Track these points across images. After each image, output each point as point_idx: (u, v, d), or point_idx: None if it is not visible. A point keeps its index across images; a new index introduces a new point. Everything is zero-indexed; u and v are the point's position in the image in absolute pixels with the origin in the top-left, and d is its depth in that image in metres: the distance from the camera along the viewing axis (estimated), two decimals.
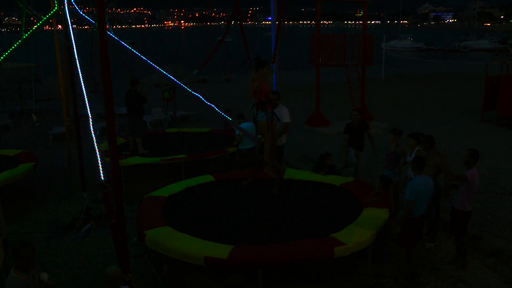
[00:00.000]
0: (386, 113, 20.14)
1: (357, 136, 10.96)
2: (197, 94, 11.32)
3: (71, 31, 9.45)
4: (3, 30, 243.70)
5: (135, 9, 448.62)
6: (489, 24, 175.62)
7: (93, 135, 7.72)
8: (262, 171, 9.61)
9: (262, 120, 8.82)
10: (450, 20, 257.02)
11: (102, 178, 7.19)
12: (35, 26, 9.91)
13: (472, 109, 20.93)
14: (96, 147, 7.62)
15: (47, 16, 9.94)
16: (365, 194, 8.85)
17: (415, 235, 7.33)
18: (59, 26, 13.17)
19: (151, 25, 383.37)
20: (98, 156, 7.37)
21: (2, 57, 9.37)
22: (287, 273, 7.68)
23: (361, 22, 19.98)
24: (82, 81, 8.56)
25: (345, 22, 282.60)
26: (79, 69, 8.71)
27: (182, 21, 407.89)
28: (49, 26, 12.60)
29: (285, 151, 10.00)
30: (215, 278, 7.54)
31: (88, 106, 8.14)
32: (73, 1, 10.10)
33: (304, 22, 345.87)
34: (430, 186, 7.29)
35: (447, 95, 25.61)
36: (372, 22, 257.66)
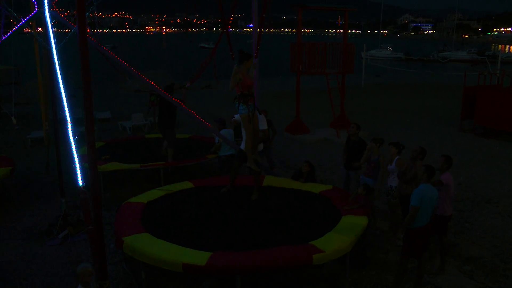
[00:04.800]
0: (366, 121, 20.28)
1: (350, 152, 10.23)
2: (177, 101, 11.35)
3: (51, 34, 9.34)
4: None
5: (116, 13, 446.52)
6: (467, 36, 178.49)
7: (72, 139, 7.64)
8: (239, 177, 9.59)
9: (244, 113, 8.81)
10: (430, 31, 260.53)
11: (81, 184, 7.11)
12: (15, 28, 9.79)
13: (451, 118, 21.23)
14: (74, 152, 7.54)
15: (28, 18, 9.82)
16: (344, 202, 8.90)
17: (421, 246, 7.17)
18: (39, 29, 13.04)
19: (132, 30, 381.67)
20: (77, 161, 7.30)
21: None
22: (265, 279, 7.67)
23: (341, 30, 20.11)
24: (61, 85, 8.47)
25: (326, 30, 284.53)
26: (59, 73, 8.62)
27: (164, 27, 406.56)
28: (29, 29, 12.46)
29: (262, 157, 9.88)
30: (194, 285, 7.51)
31: (67, 110, 8.06)
32: (54, 4, 10.01)
33: (285, 29, 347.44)
34: (435, 197, 7.10)
35: (426, 104, 25.91)
36: (353, 31, 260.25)
